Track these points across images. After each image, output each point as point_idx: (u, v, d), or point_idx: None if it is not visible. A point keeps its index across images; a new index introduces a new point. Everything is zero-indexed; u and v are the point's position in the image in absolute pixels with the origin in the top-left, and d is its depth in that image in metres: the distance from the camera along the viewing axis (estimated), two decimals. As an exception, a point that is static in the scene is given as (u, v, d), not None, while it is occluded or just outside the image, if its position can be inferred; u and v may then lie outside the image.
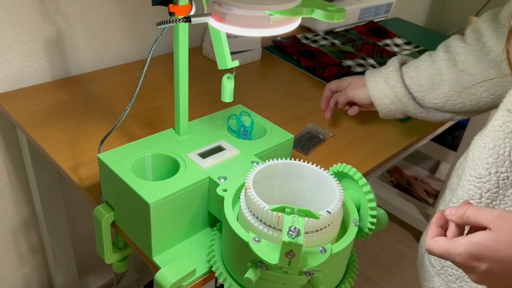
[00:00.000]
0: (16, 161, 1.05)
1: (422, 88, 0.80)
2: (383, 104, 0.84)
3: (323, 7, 0.54)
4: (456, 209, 0.48)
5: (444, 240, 0.47)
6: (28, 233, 1.16)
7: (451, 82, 0.77)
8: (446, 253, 0.46)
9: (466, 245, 0.45)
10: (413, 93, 0.81)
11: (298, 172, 0.60)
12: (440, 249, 0.47)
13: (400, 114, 0.85)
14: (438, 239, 0.48)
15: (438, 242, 0.47)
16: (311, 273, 0.51)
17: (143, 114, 0.93)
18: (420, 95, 0.81)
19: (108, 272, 1.41)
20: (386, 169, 2.00)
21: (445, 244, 0.46)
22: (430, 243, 0.48)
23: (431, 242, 0.48)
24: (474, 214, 0.46)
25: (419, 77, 0.80)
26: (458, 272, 0.59)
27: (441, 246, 0.47)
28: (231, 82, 0.67)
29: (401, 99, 0.82)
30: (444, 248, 0.46)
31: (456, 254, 0.45)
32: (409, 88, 0.81)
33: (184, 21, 0.56)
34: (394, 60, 0.85)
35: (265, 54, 1.25)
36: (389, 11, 1.59)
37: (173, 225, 0.61)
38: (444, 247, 0.46)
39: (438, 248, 0.47)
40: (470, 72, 0.75)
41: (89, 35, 1.05)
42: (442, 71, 0.78)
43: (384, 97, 0.83)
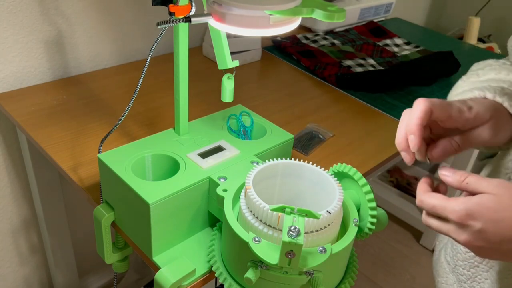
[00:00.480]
0: (16, 161, 1.05)
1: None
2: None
3: (323, 7, 0.54)
4: (455, 173, 0.47)
5: (440, 196, 0.46)
6: (28, 233, 1.16)
7: None
8: (441, 207, 0.45)
9: (464, 202, 0.44)
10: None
11: (298, 172, 0.60)
12: (434, 201, 0.46)
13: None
14: (433, 194, 0.47)
15: (433, 197, 0.46)
16: (311, 273, 0.51)
17: (143, 114, 0.93)
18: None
19: (108, 272, 1.41)
20: (386, 169, 2.00)
21: (441, 198, 0.46)
22: (423, 196, 0.47)
23: (425, 195, 0.47)
24: (474, 181, 0.45)
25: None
26: (469, 273, 0.59)
27: (436, 199, 0.46)
28: (231, 82, 0.67)
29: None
30: (440, 202, 0.45)
31: (453, 209, 0.44)
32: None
33: (184, 21, 0.56)
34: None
35: (265, 54, 1.25)
36: (389, 11, 1.59)
37: (173, 225, 0.61)
38: (440, 200, 0.46)
39: (433, 201, 0.46)
40: None
41: (89, 35, 1.05)
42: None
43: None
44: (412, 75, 1.15)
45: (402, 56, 1.31)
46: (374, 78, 1.12)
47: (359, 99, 1.07)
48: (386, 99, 1.08)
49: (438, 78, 1.20)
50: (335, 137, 0.92)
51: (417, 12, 2.12)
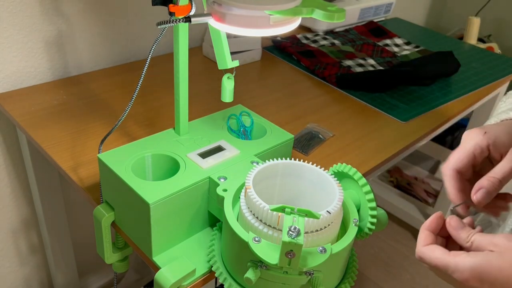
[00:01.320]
0: (16, 161, 1.05)
1: None
2: None
3: (323, 7, 0.54)
4: (462, 229, 0.45)
5: (442, 251, 0.44)
6: (28, 233, 1.16)
7: None
8: (443, 266, 0.43)
9: (470, 263, 0.42)
10: None
11: (298, 172, 0.60)
12: (436, 260, 0.44)
13: None
14: (434, 248, 0.44)
15: (434, 252, 0.44)
16: (311, 273, 0.51)
17: (143, 114, 0.93)
18: None
19: (108, 272, 1.41)
20: (386, 169, 2.00)
21: (444, 256, 0.43)
22: (423, 251, 0.45)
23: (425, 249, 0.45)
24: (478, 240, 0.44)
25: None
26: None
27: (438, 257, 0.44)
28: (231, 82, 0.67)
29: None
30: (443, 260, 0.43)
31: (457, 270, 0.42)
32: None
33: (184, 21, 0.56)
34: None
35: (265, 54, 1.25)
36: (389, 11, 1.59)
37: (173, 225, 0.61)
38: (442, 259, 0.43)
39: (435, 259, 0.44)
40: None
41: (89, 35, 1.05)
42: None
43: None
44: (412, 75, 1.15)
45: (402, 56, 1.31)
46: (374, 78, 1.12)
47: (359, 99, 1.07)
48: (386, 99, 1.08)
49: (438, 78, 1.20)
50: (335, 137, 0.92)
51: (417, 12, 2.12)
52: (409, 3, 1.97)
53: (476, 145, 0.49)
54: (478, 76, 1.26)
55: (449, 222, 0.46)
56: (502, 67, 1.34)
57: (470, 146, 0.49)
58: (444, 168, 0.50)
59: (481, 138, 0.49)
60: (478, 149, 0.49)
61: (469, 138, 0.50)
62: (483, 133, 0.49)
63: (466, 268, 0.41)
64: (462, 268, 0.42)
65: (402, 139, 0.93)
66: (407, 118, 1.01)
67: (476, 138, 0.49)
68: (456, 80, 1.22)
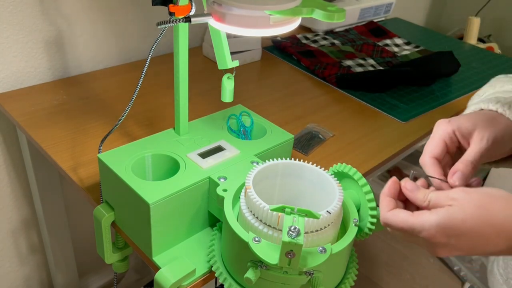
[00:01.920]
0: (16, 161, 1.05)
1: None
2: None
3: (323, 7, 0.54)
4: (417, 190, 0.48)
5: (405, 213, 0.46)
6: (28, 233, 1.16)
7: None
8: (409, 228, 0.45)
9: (434, 220, 0.43)
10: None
11: (298, 172, 0.60)
12: (401, 223, 0.45)
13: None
14: (398, 212, 0.46)
15: (398, 216, 0.46)
16: (311, 273, 0.51)
17: (143, 114, 0.93)
18: None
19: (108, 272, 1.41)
20: (386, 169, 2.00)
21: (408, 218, 0.45)
22: (388, 216, 0.46)
23: (389, 215, 0.46)
24: (435, 197, 0.46)
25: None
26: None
27: (403, 220, 0.45)
28: (231, 82, 0.67)
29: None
30: (408, 222, 0.45)
31: (423, 229, 0.44)
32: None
33: (184, 21, 0.56)
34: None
35: (265, 54, 1.25)
36: (389, 11, 1.59)
37: (173, 225, 0.61)
38: (407, 221, 0.45)
39: (400, 222, 0.45)
40: None
41: (89, 35, 1.05)
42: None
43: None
44: (412, 75, 1.15)
45: (402, 56, 1.31)
46: (374, 78, 1.12)
47: (359, 99, 1.07)
48: (386, 99, 1.08)
49: (438, 78, 1.20)
50: (335, 137, 0.92)
51: (417, 12, 2.12)
52: (409, 3, 1.97)
53: (444, 131, 0.52)
54: (478, 76, 1.26)
55: (405, 186, 0.49)
56: (502, 67, 1.34)
57: (438, 134, 0.53)
58: (422, 159, 0.53)
59: (446, 125, 0.52)
60: (447, 136, 0.52)
61: (436, 129, 0.54)
62: (447, 121, 0.53)
63: (432, 225, 0.43)
64: (428, 226, 0.43)
65: (402, 139, 0.93)
66: (407, 118, 1.01)
67: (441, 126, 0.53)
68: (456, 80, 1.22)
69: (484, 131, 0.51)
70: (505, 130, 0.53)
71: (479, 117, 0.53)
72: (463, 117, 0.53)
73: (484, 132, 0.51)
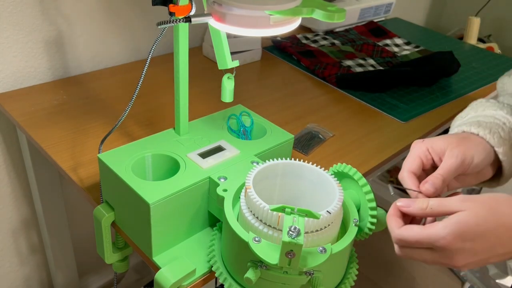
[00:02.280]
0: (16, 161, 1.05)
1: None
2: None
3: (323, 7, 0.54)
4: (415, 201, 0.49)
5: (419, 227, 0.47)
6: (28, 233, 1.16)
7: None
8: (426, 239, 0.46)
9: (449, 226, 0.45)
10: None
11: (298, 172, 0.60)
12: (417, 235, 0.46)
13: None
14: (410, 227, 0.47)
15: (412, 230, 0.47)
16: (311, 273, 0.51)
17: (143, 114, 0.93)
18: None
19: (108, 272, 1.41)
20: (386, 169, 2.00)
21: (422, 231, 0.46)
22: (401, 232, 0.48)
23: (402, 231, 0.48)
24: (437, 204, 0.47)
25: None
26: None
27: (418, 232, 0.46)
28: (231, 82, 0.67)
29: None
30: (423, 233, 0.46)
31: (440, 238, 0.45)
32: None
33: (184, 21, 0.56)
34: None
35: (265, 54, 1.25)
36: (389, 11, 1.59)
37: (173, 225, 0.61)
38: (422, 232, 0.46)
39: (415, 235, 0.46)
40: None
41: (89, 35, 1.05)
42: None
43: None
44: (412, 75, 1.15)
45: (402, 56, 1.31)
46: (374, 78, 1.12)
47: (359, 99, 1.07)
48: (386, 99, 1.08)
49: (438, 78, 1.20)
50: (335, 137, 0.92)
51: (417, 12, 2.12)
52: (409, 3, 1.97)
53: (419, 149, 0.56)
54: (478, 76, 1.26)
55: (400, 205, 0.51)
56: (502, 67, 1.34)
57: (414, 152, 0.57)
58: (400, 175, 0.56)
59: (420, 144, 0.57)
60: (422, 153, 0.56)
61: (412, 147, 0.58)
62: (422, 141, 0.57)
63: (447, 232, 0.44)
64: (444, 233, 0.44)
65: (402, 139, 0.93)
66: (407, 118, 1.01)
67: (416, 145, 0.57)
68: (456, 80, 1.22)
69: (455, 149, 0.55)
70: (479, 150, 0.56)
71: (453, 137, 0.57)
72: (437, 137, 0.57)
73: (455, 149, 0.54)
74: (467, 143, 0.56)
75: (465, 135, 0.58)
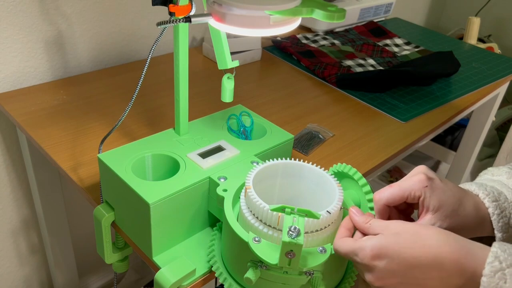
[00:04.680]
0: (16, 161, 1.05)
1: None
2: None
3: (323, 7, 0.54)
4: (362, 215, 0.51)
5: (351, 240, 0.50)
6: (28, 233, 1.16)
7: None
8: (351, 252, 0.48)
9: (371, 241, 0.47)
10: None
11: (298, 172, 0.60)
12: (346, 248, 0.49)
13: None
14: (346, 240, 0.50)
15: (345, 242, 0.50)
16: (311, 273, 0.51)
17: (143, 114, 0.93)
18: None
19: (108, 272, 1.41)
20: (386, 169, 2.00)
21: (351, 243, 0.49)
22: (337, 243, 0.50)
23: (339, 242, 0.50)
24: (377, 224, 0.49)
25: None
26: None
27: (347, 245, 0.49)
28: (231, 82, 0.67)
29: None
30: (350, 247, 0.48)
31: (360, 251, 0.47)
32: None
33: (184, 21, 0.56)
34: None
35: (265, 54, 1.25)
36: (389, 11, 1.59)
37: (173, 225, 0.61)
38: (350, 245, 0.49)
39: (345, 247, 0.49)
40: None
41: (89, 35, 1.05)
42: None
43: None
44: (412, 75, 1.15)
45: (402, 56, 1.31)
46: (374, 78, 1.12)
47: (359, 99, 1.07)
48: (386, 99, 1.08)
49: (438, 78, 1.20)
50: (335, 137, 0.92)
51: (417, 12, 2.12)
52: (409, 3, 1.97)
53: (412, 190, 0.52)
54: (478, 76, 1.26)
55: (351, 209, 0.53)
56: (502, 67, 1.34)
57: (406, 187, 0.53)
58: (376, 197, 0.54)
59: (420, 188, 0.52)
60: (412, 195, 0.52)
61: (412, 178, 0.53)
62: (425, 185, 0.52)
63: (367, 246, 0.47)
64: (364, 247, 0.47)
65: (402, 139, 0.93)
66: (407, 118, 1.01)
67: (416, 185, 0.52)
68: (456, 80, 1.22)
69: (439, 220, 0.51)
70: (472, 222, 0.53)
71: (449, 206, 0.52)
72: (437, 195, 0.52)
73: (437, 220, 0.51)
74: (462, 213, 0.52)
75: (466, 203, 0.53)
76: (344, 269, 0.59)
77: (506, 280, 0.42)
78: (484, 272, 0.43)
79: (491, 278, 0.43)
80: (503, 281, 0.42)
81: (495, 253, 0.43)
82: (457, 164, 1.60)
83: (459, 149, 1.59)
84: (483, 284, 0.43)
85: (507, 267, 0.43)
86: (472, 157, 1.55)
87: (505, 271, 0.43)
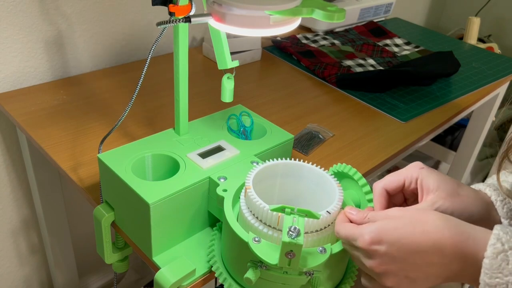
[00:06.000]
0: (16, 161, 1.05)
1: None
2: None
3: (323, 7, 0.54)
4: (359, 212, 0.51)
5: (352, 225, 0.50)
6: (28, 233, 1.16)
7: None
8: (351, 236, 0.49)
9: (370, 227, 0.47)
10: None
11: (298, 172, 0.60)
12: (346, 232, 0.49)
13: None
14: (347, 224, 0.51)
15: (346, 227, 0.50)
16: (311, 273, 0.51)
17: (143, 114, 0.93)
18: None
19: (108, 272, 1.41)
20: (386, 169, 2.00)
21: (352, 228, 0.49)
22: (338, 226, 0.51)
23: (340, 226, 0.51)
24: (373, 214, 0.50)
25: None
26: None
27: (348, 229, 0.49)
28: (231, 82, 0.67)
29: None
30: (351, 231, 0.49)
31: (360, 236, 0.47)
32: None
33: (184, 21, 0.56)
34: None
35: (265, 54, 1.25)
36: (389, 11, 1.59)
37: (173, 225, 0.61)
38: (350, 230, 0.49)
39: (345, 231, 0.50)
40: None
41: (89, 35, 1.05)
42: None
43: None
44: (412, 75, 1.15)
45: (402, 56, 1.31)
46: (374, 78, 1.12)
47: (359, 99, 1.07)
48: (386, 99, 1.08)
49: (438, 78, 1.20)
50: (335, 137, 0.92)
51: (417, 12, 2.12)
52: (409, 3, 1.97)
53: (408, 173, 0.54)
54: (478, 76, 1.26)
55: (347, 209, 0.53)
56: (502, 67, 1.34)
57: (403, 173, 0.55)
58: (375, 185, 0.56)
59: (416, 170, 0.54)
60: (408, 178, 0.54)
61: (408, 166, 0.56)
62: (420, 167, 0.54)
63: (366, 232, 0.47)
64: (364, 233, 0.47)
65: (402, 139, 0.93)
66: (407, 118, 1.01)
67: (412, 169, 0.55)
68: (456, 80, 1.22)
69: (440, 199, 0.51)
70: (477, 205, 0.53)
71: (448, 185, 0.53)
72: (435, 175, 0.53)
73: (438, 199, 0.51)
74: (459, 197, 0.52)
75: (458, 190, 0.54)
76: (344, 269, 0.59)
77: (508, 261, 0.42)
78: (486, 254, 0.42)
79: (493, 260, 0.42)
80: (506, 262, 0.42)
81: (497, 235, 0.43)
82: (457, 164, 1.60)
83: (459, 149, 1.59)
84: (485, 266, 0.42)
85: (510, 249, 0.42)
86: (472, 157, 1.55)
87: (508, 252, 0.42)
